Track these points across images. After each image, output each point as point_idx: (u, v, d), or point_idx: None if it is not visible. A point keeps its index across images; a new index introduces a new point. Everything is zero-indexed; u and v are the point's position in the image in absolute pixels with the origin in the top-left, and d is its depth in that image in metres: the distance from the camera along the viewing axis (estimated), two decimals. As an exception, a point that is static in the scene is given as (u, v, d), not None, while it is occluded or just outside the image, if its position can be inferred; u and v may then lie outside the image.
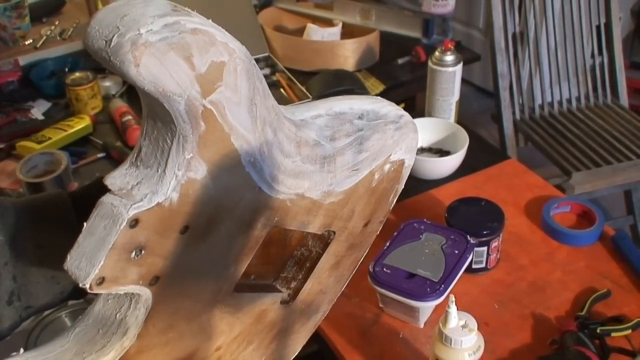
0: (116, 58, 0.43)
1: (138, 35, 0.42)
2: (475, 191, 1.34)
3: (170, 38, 0.44)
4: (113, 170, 0.50)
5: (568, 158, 1.98)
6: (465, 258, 1.09)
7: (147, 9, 0.44)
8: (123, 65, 0.43)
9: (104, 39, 0.43)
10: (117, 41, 0.42)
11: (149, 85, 0.44)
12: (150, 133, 0.50)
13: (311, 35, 1.99)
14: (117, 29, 0.42)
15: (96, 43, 0.43)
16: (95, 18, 0.43)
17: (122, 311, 0.53)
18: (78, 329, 0.53)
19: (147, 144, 0.50)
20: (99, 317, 0.53)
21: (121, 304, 0.53)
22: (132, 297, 0.52)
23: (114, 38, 0.42)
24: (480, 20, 3.04)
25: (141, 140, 0.50)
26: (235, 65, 0.48)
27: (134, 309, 0.53)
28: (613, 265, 1.19)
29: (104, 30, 0.43)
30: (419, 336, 1.08)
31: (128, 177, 0.50)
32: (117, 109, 1.73)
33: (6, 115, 1.79)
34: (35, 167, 1.51)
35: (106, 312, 0.53)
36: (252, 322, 0.66)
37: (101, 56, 0.43)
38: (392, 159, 0.69)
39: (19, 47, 1.86)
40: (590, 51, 2.17)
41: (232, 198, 0.54)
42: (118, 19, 0.43)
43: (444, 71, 1.51)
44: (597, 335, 1.03)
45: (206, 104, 0.48)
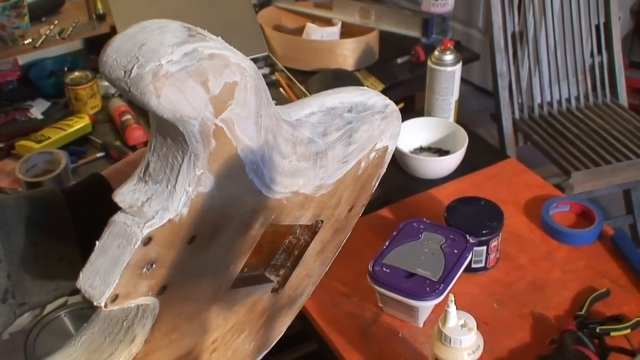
0: (137, 89, 0.43)
1: (159, 66, 0.42)
2: (475, 191, 1.34)
3: (190, 67, 0.44)
4: (121, 186, 0.50)
5: (567, 157, 1.98)
6: (464, 257, 1.09)
7: (164, 37, 0.44)
8: (144, 96, 0.43)
9: (122, 69, 0.42)
10: (137, 72, 0.42)
11: (168, 114, 0.45)
12: (159, 149, 0.49)
13: (310, 34, 1.99)
14: (137, 60, 0.42)
15: (114, 72, 0.43)
16: (112, 46, 0.43)
17: (129, 319, 0.53)
18: (84, 338, 0.53)
19: (155, 160, 0.49)
20: (105, 325, 0.53)
21: (127, 312, 0.53)
22: (139, 306, 0.52)
23: (133, 69, 0.42)
24: (480, 19, 3.04)
25: (149, 155, 0.49)
26: (245, 83, 0.49)
27: (142, 317, 0.53)
28: (612, 265, 1.19)
29: (122, 59, 0.42)
30: (419, 335, 1.08)
31: (137, 193, 0.49)
32: (117, 109, 1.73)
33: (5, 115, 1.79)
34: (34, 166, 1.51)
35: (112, 319, 0.53)
36: (245, 312, 0.67)
37: (119, 86, 0.43)
38: (377, 147, 0.70)
39: (18, 47, 1.86)
40: (589, 51, 2.17)
41: (236, 204, 0.55)
42: (136, 48, 0.43)
43: (443, 70, 1.51)
44: (597, 334, 1.03)
45: (217, 123, 0.48)
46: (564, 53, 2.14)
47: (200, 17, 1.91)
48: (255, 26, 1.95)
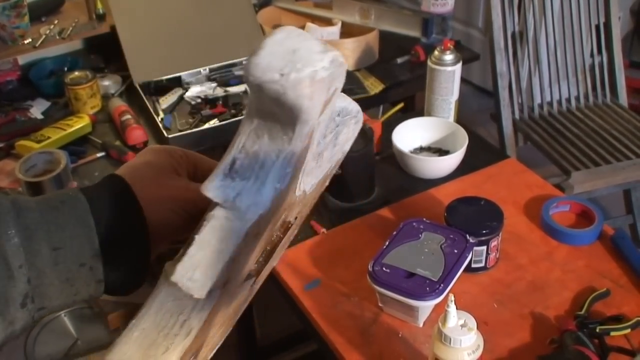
0: (293, 91, 0.46)
1: (315, 71, 0.46)
2: (475, 190, 1.34)
3: (333, 73, 0.48)
4: (207, 182, 0.51)
5: (567, 157, 1.98)
6: (464, 257, 1.09)
7: (310, 44, 0.48)
8: (298, 98, 0.46)
9: (279, 72, 0.46)
10: (295, 76, 0.46)
11: (307, 115, 0.48)
12: (250, 147, 0.51)
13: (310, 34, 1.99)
14: (294, 64, 0.46)
15: (268, 75, 0.46)
16: (265, 50, 0.46)
17: (185, 312, 0.53)
18: (136, 334, 0.53)
19: (243, 157, 0.51)
20: (158, 320, 0.53)
21: (183, 306, 0.53)
22: (198, 299, 0.53)
23: (291, 73, 0.46)
24: (480, 19, 3.04)
25: (235, 152, 0.51)
26: (337, 87, 0.52)
27: (200, 310, 0.53)
28: (612, 265, 1.19)
29: (278, 63, 0.46)
30: (418, 335, 1.08)
31: (226, 189, 0.51)
32: (116, 108, 1.73)
33: (5, 115, 1.79)
34: (34, 166, 1.51)
35: (165, 314, 0.53)
36: (234, 306, 0.68)
37: (271, 87, 0.46)
38: (345, 149, 0.73)
39: (18, 47, 1.86)
40: (589, 50, 2.17)
41: (283, 202, 0.56)
42: (290, 54, 0.46)
43: (443, 70, 1.51)
44: (597, 334, 1.04)
45: (315, 124, 0.51)
46: (564, 53, 2.14)
47: (200, 17, 1.91)
48: (255, 26, 1.95)
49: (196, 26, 1.90)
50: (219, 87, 1.84)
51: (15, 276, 0.49)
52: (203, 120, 1.71)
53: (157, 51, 1.86)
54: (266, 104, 0.49)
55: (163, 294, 0.54)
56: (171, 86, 1.84)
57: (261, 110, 0.49)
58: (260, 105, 0.49)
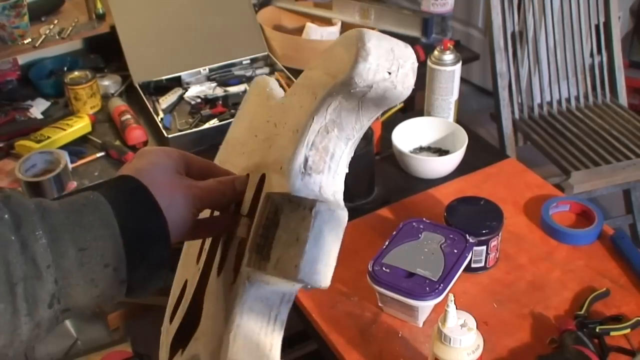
0: (402, 85, 0.54)
1: (413, 64, 0.55)
2: (474, 190, 1.34)
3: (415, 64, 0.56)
4: (289, 183, 0.55)
5: (567, 157, 1.98)
6: (464, 257, 1.09)
7: (395, 41, 0.54)
8: (405, 90, 0.54)
9: (387, 70, 0.53)
10: (402, 72, 0.53)
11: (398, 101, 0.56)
12: (319, 143, 0.56)
13: (310, 34, 1.99)
14: (398, 62, 0.53)
15: (379, 75, 0.52)
16: (372, 55, 0.52)
17: (274, 308, 0.57)
18: (241, 342, 0.56)
19: (314, 154, 0.56)
20: (252, 323, 0.56)
21: (272, 303, 0.57)
22: (285, 292, 0.57)
23: (399, 69, 0.53)
24: (480, 19, 3.04)
25: (305, 151, 0.56)
26: None
27: (288, 301, 0.58)
28: (612, 265, 1.19)
29: (385, 64, 0.53)
30: (418, 335, 1.08)
31: (309, 185, 0.56)
32: (116, 108, 1.73)
33: (5, 115, 1.79)
34: (34, 166, 1.51)
35: (258, 315, 0.57)
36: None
37: (382, 85, 0.53)
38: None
39: (18, 46, 1.86)
40: (589, 50, 2.17)
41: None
42: (390, 53, 0.53)
43: (443, 70, 1.51)
44: (596, 334, 1.04)
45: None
46: (563, 53, 2.14)
47: (200, 17, 1.91)
48: (255, 26, 1.95)
49: (196, 26, 1.90)
50: (218, 87, 1.84)
51: (43, 276, 0.50)
52: (203, 120, 1.71)
53: (157, 51, 1.86)
54: (353, 102, 0.55)
55: (251, 298, 0.57)
56: (171, 86, 1.84)
57: (339, 108, 0.55)
58: (345, 104, 0.55)
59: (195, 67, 1.86)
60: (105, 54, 1.98)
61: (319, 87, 0.56)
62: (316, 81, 0.58)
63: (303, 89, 0.61)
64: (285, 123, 0.63)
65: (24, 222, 0.50)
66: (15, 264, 0.48)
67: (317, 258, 0.52)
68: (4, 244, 0.48)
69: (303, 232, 0.52)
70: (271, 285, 0.57)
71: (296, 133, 0.57)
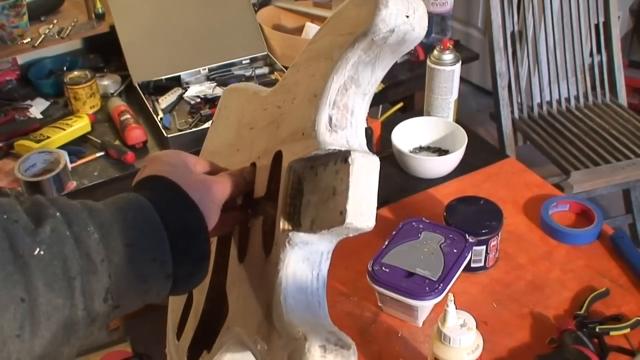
0: (419, 26, 0.58)
1: (424, 7, 0.58)
2: (474, 190, 1.34)
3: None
4: (320, 142, 0.59)
5: (567, 157, 1.98)
6: (463, 257, 1.09)
7: None
8: (422, 31, 0.59)
9: (405, 13, 0.57)
10: (417, 14, 0.58)
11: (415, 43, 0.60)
12: (340, 101, 0.61)
13: (310, 34, 1.99)
14: (413, 6, 0.57)
15: (399, 19, 0.57)
16: (390, 1, 0.56)
17: (316, 267, 0.62)
18: (291, 302, 0.59)
19: (336, 112, 0.61)
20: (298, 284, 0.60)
21: (313, 262, 0.61)
22: (323, 251, 0.62)
23: (415, 12, 0.57)
24: (479, 19, 3.04)
25: (328, 110, 0.60)
26: None
27: (327, 259, 0.62)
28: (612, 264, 1.19)
29: (403, 8, 0.57)
30: (418, 335, 1.08)
31: (337, 140, 0.60)
32: (116, 108, 1.73)
33: (4, 114, 1.79)
34: (33, 165, 1.51)
35: (301, 276, 0.61)
36: None
37: (403, 27, 0.57)
38: None
39: (17, 46, 1.86)
40: (588, 50, 2.17)
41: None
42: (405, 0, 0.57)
43: (442, 70, 1.51)
44: (596, 334, 1.04)
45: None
46: (563, 52, 2.14)
47: (199, 17, 1.91)
48: (254, 25, 1.95)
49: (196, 26, 1.90)
50: (218, 86, 1.84)
51: (99, 270, 0.51)
52: (202, 120, 1.71)
53: (156, 51, 1.86)
54: (371, 53, 0.59)
55: (293, 260, 0.61)
56: (170, 86, 1.84)
57: (357, 63, 0.60)
58: (363, 57, 0.59)
59: (194, 66, 1.86)
60: (104, 54, 1.98)
61: (334, 49, 0.61)
62: (328, 46, 0.62)
63: (310, 61, 0.65)
64: (294, 98, 0.66)
65: (75, 219, 0.51)
66: (72, 259, 0.49)
67: (361, 201, 0.57)
68: (60, 240, 0.49)
69: (340, 182, 0.57)
70: (311, 244, 0.61)
71: (314, 98, 0.61)
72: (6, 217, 0.48)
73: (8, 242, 0.47)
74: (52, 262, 0.48)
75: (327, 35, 0.63)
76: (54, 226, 0.49)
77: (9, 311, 0.46)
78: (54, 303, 0.48)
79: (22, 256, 0.47)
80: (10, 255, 0.47)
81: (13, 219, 0.48)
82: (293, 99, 0.66)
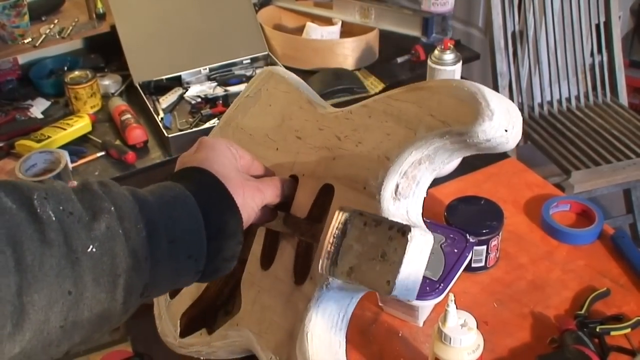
0: (514, 140, 0.61)
1: (521, 123, 0.62)
2: (475, 190, 1.34)
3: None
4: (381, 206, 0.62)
5: (567, 157, 1.98)
6: (464, 257, 1.09)
7: (509, 103, 0.62)
8: (514, 144, 0.62)
9: (505, 128, 0.60)
10: (515, 130, 0.61)
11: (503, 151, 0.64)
12: (410, 173, 0.63)
13: (310, 34, 1.99)
14: (513, 122, 0.60)
15: (499, 132, 0.59)
16: (495, 114, 0.59)
17: (343, 308, 0.67)
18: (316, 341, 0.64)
19: (404, 182, 0.63)
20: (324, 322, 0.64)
21: (342, 304, 0.66)
22: (352, 296, 0.66)
23: (514, 128, 0.61)
24: (480, 19, 3.04)
25: (397, 178, 0.63)
26: None
27: (354, 304, 0.67)
28: (612, 264, 1.19)
29: (503, 122, 0.60)
30: (418, 335, 1.08)
31: (399, 209, 0.63)
32: (117, 108, 1.73)
33: (5, 114, 1.79)
34: (34, 165, 1.51)
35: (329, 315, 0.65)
36: None
37: (499, 140, 0.60)
38: None
39: (18, 46, 1.86)
40: (589, 50, 2.17)
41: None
42: (507, 114, 0.60)
43: (443, 70, 1.51)
44: (597, 334, 1.03)
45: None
46: (564, 52, 2.14)
47: (200, 17, 1.91)
48: (255, 25, 1.95)
49: (196, 26, 1.90)
50: (219, 86, 1.84)
51: (142, 268, 0.52)
52: (203, 120, 1.71)
53: (157, 51, 1.86)
54: (458, 145, 0.61)
55: (325, 300, 0.64)
56: (171, 86, 1.84)
57: (439, 148, 0.62)
58: (448, 146, 0.61)
59: (195, 66, 1.86)
60: (105, 54, 1.98)
61: (420, 125, 0.62)
62: (413, 117, 0.63)
63: (387, 116, 0.66)
64: (359, 142, 0.68)
65: (127, 215, 0.52)
66: (121, 257, 0.50)
67: (409, 276, 0.58)
68: (112, 236, 0.50)
69: (394, 252, 0.58)
70: (344, 290, 0.64)
71: (386, 160, 0.63)
72: (62, 209, 0.49)
73: (63, 236, 0.48)
74: (102, 259, 0.49)
75: (414, 104, 0.64)
76: (108, 223, 0.50)
77: (58, 305, 0.47)
78: (98, 297, 0.50)
79: (75, 251, 0.48)
80: (65, 250, 0.48)
81: (69, 210, 0.49)
82: (358, 142, 0.68)
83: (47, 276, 0.46)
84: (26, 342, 0.46)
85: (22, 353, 0.46)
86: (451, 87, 0.62)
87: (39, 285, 0.46)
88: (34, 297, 0.45)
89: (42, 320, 0.46)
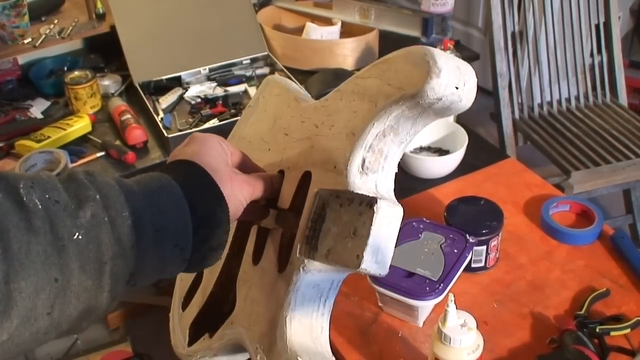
0: (466, 98, 0.60)
1: (474, 81, 0.61)
2: (475, 190, 1.34)
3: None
4: (348, 181, 0.61)
5: (567, 157, 1.98)
6: (464, 257, 1.09)
7: (459, 60, 0.61)
8: (468, 103, 0.61)
9: (455, 85, 0.59)
10: (467, 87, 0.60)
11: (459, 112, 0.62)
12: (376, 146, 0.63)
13: (310, 34, 1.99)
14: (464, 78, 0.59)
15: (449, 89, 0.58)
16: (443, 70, 0.58)
17: (324, 293, 0.64)
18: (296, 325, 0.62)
19: (370, 155, 0.63)
20: (305, 307, 0.63)
21: (322, 289, 0.64)
22: (334, 279, 0.64)
23: (465, 85, 0.59)
24: (480, 19, 3.04)
25: (363, 152, 0.62)
26: None
27: (336, 287, 0.64)
28: (612, 265, 1.19)
29: (453, 79, 0.58)
30: (418, 335, 1.08)
31: (367, 183, 0.62)
32: (116, 108, 1.73)
33: (5, 114, 1.79)
34: (34, 165, 1.51)
35: (310, 300, 0.63)
36: None
37: (450, 98, 0.59)
38: None
39: (18, 46, 1.86)
40: (589, 50, 2.17)
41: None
42: (457, 70, 0.59)
43: (443, 70, 1.51)
44: (596, 334, 1.04)
45: None
46: (563, 53, 2.14)
47: (200, 17, 1.91)
48: (255, 26, 1.95)
49: (196, 26, 1.90)
50: (218, 86, 1.84)
51: (127, 256, 0.53)
52: (203, 120, 1.71)
53: (157, 51, 1.86)
54: (415, 111, 0.60)
55: (304, 284, 0.63)
56: (171, 86, 1.83)
57: (400, 116, 0.61)
58: (406, 113, 0.61)
59: (195, 66, 1.86)
60: (105, 54, 1.98)
61: (379, 96, 0.62)
62: (375, 90, 0.64)
63: (354, 95, 0.67)
64: (332, 125, 0.68)
65: (112, 203, 0.52)
66: (107, 244, 0.51)
67: (378, 249, 0.57)
68: (98, 224, 0.51)
69: (362, 225, 0.58)
70: (323, 272, 0.63)
71: (352, 136, 0.63)
72: (48, 197, 0.49)
73: (49, 223, 0.48)
74: (88, 246, 0.50)
75: (376, 77, 0.65)
76: (94, 211, 0.51)
77: (45, 292, 0.48)
78: (85, 284, 0.50)
79: (61, 239, 0.49)
80: (51, 237, 0.48)
81: (54, 199, 0.50)
82: (331, 126, 0.68)
83: (34, 263, 0.47)
84: (14, 329, 0.46)
85: (10, 340, 0.47)
86: (406, 54, 0.63)
87: (26, 272, 0.46)
88: (21, 284, 0.46)
89: (29, 308, 0.47)
